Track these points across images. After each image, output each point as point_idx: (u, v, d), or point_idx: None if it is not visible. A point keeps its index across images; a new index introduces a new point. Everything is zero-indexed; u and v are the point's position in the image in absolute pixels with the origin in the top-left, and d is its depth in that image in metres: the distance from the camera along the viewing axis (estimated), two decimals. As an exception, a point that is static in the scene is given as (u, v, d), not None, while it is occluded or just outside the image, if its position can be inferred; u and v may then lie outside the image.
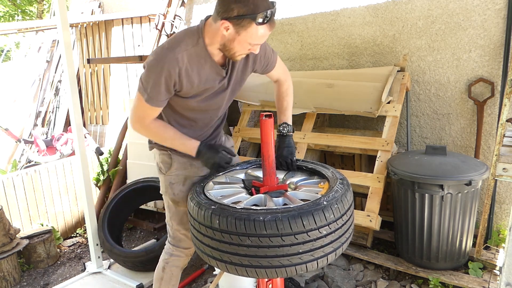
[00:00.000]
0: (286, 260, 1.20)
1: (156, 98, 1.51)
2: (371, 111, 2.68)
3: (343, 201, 1.29)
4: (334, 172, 1.54)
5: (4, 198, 3.17)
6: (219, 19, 1.40)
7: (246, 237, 1.19)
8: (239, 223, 1.19)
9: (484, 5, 2.63)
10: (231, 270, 1.27)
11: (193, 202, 1.39)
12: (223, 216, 1.23)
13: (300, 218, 1.18)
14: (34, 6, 13.59)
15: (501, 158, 1.79)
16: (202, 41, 1.50)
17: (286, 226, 1.17)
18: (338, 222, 1.27)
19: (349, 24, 3.20)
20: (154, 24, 4.20)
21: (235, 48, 1.45)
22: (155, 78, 1.47)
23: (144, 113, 1.57)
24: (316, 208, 1.21)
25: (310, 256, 1.22)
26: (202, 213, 1.30)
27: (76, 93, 2.62)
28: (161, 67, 1.45)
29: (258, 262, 1.21)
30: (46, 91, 5.21)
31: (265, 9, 1.34)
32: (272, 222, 1.17)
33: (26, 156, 4.73)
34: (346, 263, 2.62)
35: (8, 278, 2.87)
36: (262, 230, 1.17)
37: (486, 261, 2.35)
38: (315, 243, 1.22)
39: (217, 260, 1.30)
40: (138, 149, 3.58)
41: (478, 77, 2.73)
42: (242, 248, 1.21)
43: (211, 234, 1.28)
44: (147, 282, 2.70)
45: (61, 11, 2.49)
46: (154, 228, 3.36)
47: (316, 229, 1.20)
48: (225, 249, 1.25)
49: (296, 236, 1.18)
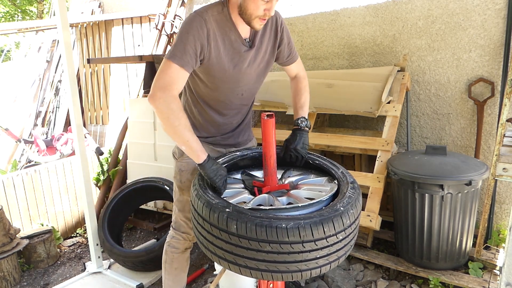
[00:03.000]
0: (304, 265, 1.21)
1: (183, 58, 1.46)
2: (371, 111, 2.68)
3: (357, 206, 1.31)
4: (345, 173, 1.52)
5: (4, 198, 3.17)
6: None
7: (266, 243, 1.17)
8: (260, 230, 1.17)
9: (484, 5, 2.63)
10: (245, 272, 1.26)
11: (202, 201, 1.33)
12: (241, 221, 1.19)
13: (322, 225, 1.18)
14: (34, 6, 13.59)
15: (501, 158, 1.79)
16: (226, 10, 1.54)
17: (308, 233, 1.16)
18: (352, 227, 1.28)
19: (349, 24, 3.21)
20: (154, 24, 4.20)
21: (249, 6, 1.46)
22: (183, 38, 1.47)
23: (169, 77, 1.45)
24: (335, 215, 1.22)
25: (326, 260, 1.24)
26: (215, 216, 1.25)
27: (76, 93, 2.62)
28: (189, 26, 1.48)
29: (276, 267, 1.21)
30: (46, 91, 5.21)
31: None
32: (295, 230, 1.16)
33: (26, 156, 4.73)
34: (346, 263, 2.62)
35: (8, 278, 2.87)
36: (285, 237, 1.16)
37: (486, 261, 2.35)
38: (332, 248, 1.23)
39: (230, 262, 1.27)
40: (138, 149, 3.59)
41: (478, 77, 2.73)
42: (261, 253, 1.20)
43: (226, 238, 1.24)
44: (147, 282, 2.70)
45: (61, 11, 2.49)
46: (154, 228, 3.36)
47: (334, 235, 1.22)
48: (241, 254, 1.22)
49: (316, 242, 1.19)
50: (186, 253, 1.97)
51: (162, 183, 3.01)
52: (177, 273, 1.96)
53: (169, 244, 1.94)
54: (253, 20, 1.50)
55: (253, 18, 1.50)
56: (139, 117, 3.56)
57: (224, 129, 1.80)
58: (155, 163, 3.47)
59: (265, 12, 1.48)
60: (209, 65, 1.56)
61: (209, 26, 1.50)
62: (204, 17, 1.50)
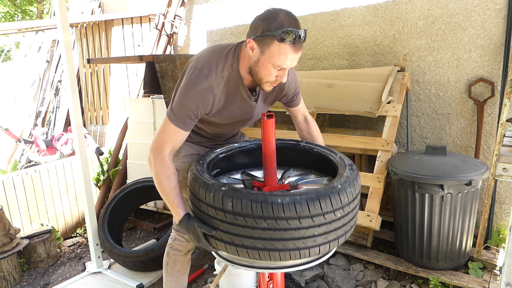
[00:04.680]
0: (301, 243, 1.19)
1: (185, 121, 1.47)
2: (371, 111, 2.68)
3: (355, 185, 1.30)
4: (342, 157, 1.52)
5: (4, 198, 3.17)
6: (247, 40, 1.40)
7: (262, 219, 1.17)
8: (256, 206, 1.16)
9: (484, 5, 2.63)
10: (242, 253, 1.24)
11: (198, 183, 1.33)
12: (237, 198, 1.19)
13: (318, 201, 1.17)
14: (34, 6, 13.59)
15: (501, 158, 1.79)
16: (236, 65, 1.49)
17: (304, 208, 1.16)
18: (350, 206, 1.27)
19: (349, 24, 3.21)
20: (154, 24, 4.20)
21: (260, 71, 1.41)
22: (185, 101, 1.45)
23: (166, 137, 1.48)
24: (332, 191, 1.21)
25: (324, 238, 1.22)
26: (211, 195, 1.24)
27: (76, 93, 2.62)
28: (194, 90, 1.44)
29: (273, 245, 1.19)
30: (46, 91, 5.21)
31: (290, 27, 1.30)
32: (291, 205, 1.15)
33: (26, 156, 4.73)
34: (346, 263, 2.62)
35: (8, 278, 2.87)
36: (281, 212, 1.15)
37: (486, 261, 2.35)
38: (330, 225, 1.22)
39: (226, 243, 1.27)
40: (138, 149, 3.59)
41: (478, 77, 2.73)
42: (257, 231, 1.19)
43: (221, 217, 1.24)
44: (147, 282, 2.70)
45: (61, 11, 2.49)
46: (154, 228, 3.35)
47: (332, 211, 1.21)
48: (237, 232, 1.22)
49: (313, 218, 1.18)
50: (188, 255, 1.96)
51: (162, 183, 3.00)
52: (179, 275, 1.95)
53: (171, 247, 1.92)
54: (264, 84, 1.47)
55: (264, 82, 1.46)
56: (139, 117, 3.56)
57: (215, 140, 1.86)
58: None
59: (277, 78, 1.44)
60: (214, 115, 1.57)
61: (216, 91, 1.46)
62: (212, 83, 1.45)
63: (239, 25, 3.81)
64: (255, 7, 3.65)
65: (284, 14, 1.32)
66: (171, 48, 4.32)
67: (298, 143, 1.69)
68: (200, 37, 4.19)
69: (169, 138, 1.48)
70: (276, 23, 1.30)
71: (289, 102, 1.77)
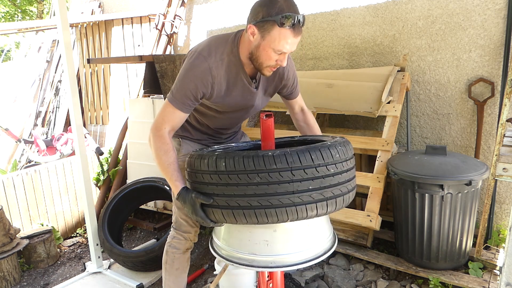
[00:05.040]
0: (297, 198, 1.19)
1: (183, 102, 1.50)
2: (371, 111, 2.68)
3: (345, 146, 1.32)
4: (334, 136, 1.56)
5: (4, 198, 3.17)
6: (247, 25, 1.43)
7: (255, 174, 1.18)
8: (248, 161, 1.18)
9: (484, 5, 2.63)
10: (239, 217, 1.24)
11: (193, 157, 1.34)
12: (229, 157, 1.22)
13: (309, 153, 1.20)
14: (34, 6, 13.59)
15: (501, 158, 1.79)
16: (236, 51, 1.52)
17: (295, 159, 1.18)
18: (344, 165, 1.28)
19: (349, 24, 3.21)
20: (154, 24, 4.20)
21: (261, 56, 1.45)
22: (185, 82, 1.48)
23: (165, 117, 1.52)
24: (322, 146, 1.24)
25: (320, 195, 1.22)
26: (205, 162, 1.27)
27: (76, 93, 2.62)
28: (193, 72, 1.47)
29: (268, 201, 1.19)
30: (46, 91, 5.21)
31: (290, 13, 1.34)
32: (281, 156, 1.17)
33: (26, 156, 4.73)
34: (346, 263, 2.62)
35: (8, 278, 2.87)
36: (272, 164, 1.17)
37: (486, 261, 2.35)
38: (324, 180, 1.22)
39: (222, 208, 1.27)
40: (138, 149, 3.59)
41: (478, 77, 2.73)
42: (251, 187, 1.19)
43: (216, 180, 1.25)
44: (147, 282, 2.70)
45: (61, 11, 2.49)
46: (154, 228, 3.35)
47: (324, 165, 1.22)
48: (232, 192, 1.23)
49: (305, 170, 1.19)
50: (187, 254, 1.97)
51: (162, 183, 3.01)
52: (178, 273, 1.96)
53: (170, 245, 1.94)
54: (264, 68, 1.51)
55: (264, 67, 1.50)
56: (139, 117, 3.56)
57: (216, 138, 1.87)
58: (155, 163, 3.46)
59: (277, 62, 1.47)
60: (208, 103, 1.59)
61: (215, 73, 1.49)
62: (210, 64, 1.47)
63: (239, 25, 3.82)
64: (255, 7, 3.65)
65: (281, 1, 1.36)
66: (171, 48, 4.32)
67: (293, 137, 1.72)
68: (200, 37, 4.20)
69: (168, 118, 1.52)
70: (276, 8, 1.34)
71: (288, 95, 1.80)
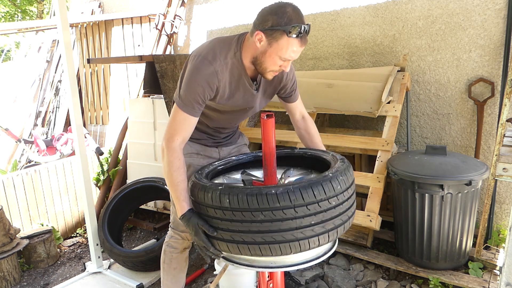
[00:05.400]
0: (300, 233, 1.22)
1: (193, 107, 1.51)
2: (371, 111, 2.68)
3: (346, 174, 1.33)
4: (334, 155, 1.57)
5: (4, 198, 3.17)
6: (254, 31, 1.46)
7: (259, 212, 1.20)
8: (251, 199, 1.20)
9: (484, 5, 2.63)
10: (244, 250, 1.27)
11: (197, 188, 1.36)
12: (233, 194, 1.23)
13: (311, 188, 1.21)
14: (34, 6, 13.59)
15: (501, 158, 1.79)
16: (239, 54, 1.54)
17: (298, 197, 1.19)
18: (345, 194, 1.29)
19: (349, 24, 3.21)
20: (154, 24, 4.20)
21: (266, 61, 1.48)
22: (192, 86, 1.48)
23: (177, 126, 1.52)
24: (324, 179, 1.25)
25: (322, 228, 1.24)
26: (209, 196, 1.28)
27: (76, 93, 2.62)
28: (200, 75, 1.48)
29: (272, 238, 1.22)
30: (46, 91, 5.21)
31: (298, 23, 1.40)
32: (284, 194, 1.19)
33: (26, 156, 4.73)
34: (346, 263, 2.62)
35: (8, 278, 2.87)
36: (275, 203, 1.18)
37: (486, 261, 2.35)
38: (326, 214, 1.24)
39: (227, 242, 1.29)
40: (138, 149, 3.59)
41: (478, 77, 2.73)
42: (255, 224, 1.21)
43: (220, 215, 1.27)
44: (147, 282, 2.70)
45: (61, 11, 2.49)
46: (154, 228, 3.36)
47: (326, 199, 1.23)
48: (236, 228, 1.25)
49: (308, 206, 1.20)
50: (185, 253, 1.97)
51: (162, 183, 3.01)
52: (176, 273, 1.96)
53: (168, 244, 1.94)
54: (267, 73, 1.53)
55: (268, 71, 1.53)
56: (139, 117, 3.56)
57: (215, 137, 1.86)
58: (155, 163, 3.47)
59: (280, 67, 1.51)
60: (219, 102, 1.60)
61: (220, 77, 1.51)
62: (216, 68, 1.49)
63: (239, 25, 3.82)
64: (255, 7, 3.65)
65: (291, 9, 1.42)
66: (171, 48, 4.32)
67: (292, 149, 1.73)
68: (200, 37, 4.19)
69: (180, 126, 1.52)
70: (285, 18, 1.39)
71: (287, 97, 1.81)
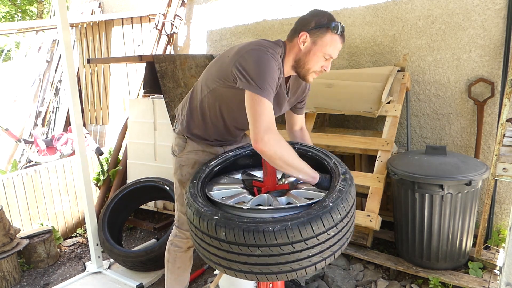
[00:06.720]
0: (297, 265, 1.20)
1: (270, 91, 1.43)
2: (371, 111, 2.68)
3: (347, 199, 1.28)
4: (337, 163, 1.48)
5: (4, 198, 3.17)
6: (297, 34, 1.56)
7: (256, 247, 1.17)
8: (248, 235, 1.15)
9: (484, 5, 2.63)
10: (241, 276, 1.26)
11: (192, 209, 1.32)
12: (229, 228, 1.18)
13: (310, 224, 1.16)
14: (34, 6, 13.59)
15: (501, 158, 1.79)
16: (283, 57, 1.60)
17: (296, 234, 1.14)
18: (344, 221, 1.26)
19: (349, 24, 3.20)
20: (154, 24, 4.20)
21: (310, 61, 1.55)
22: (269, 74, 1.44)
23: (268, 117, 1.41)
24: (323, 212, 1.19)
25: (320, 257, 1.22)
26: (204, 224, 1.24)
27: (76, 93, 2.62)
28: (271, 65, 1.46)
29: (269, 269, 1.20)
30: (46, 91, 5.21)
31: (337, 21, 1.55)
32: (282, 232, 1.14)
33: (26, 156, 4.72)
34: (346, 263, 2.62)
35: (8, 278, 2.87)
36: (272, 240, 1.14)
37: (486, 261, 2.35)
38: (324, 245, 1.21)
39: (225, 268, 1.27)
40: (138, 149, 3.59)
41: (478, 77, 2.73)
42: (252, 258, 1.19)
43: (217, 245, 1.24)
44: (147, 282, 2.70)
45: (61, 11, 2.49)
46: (154, 228, 3.35)
47: (325, 232, 1.20)
48: (234, 259, 1.22)
49: (306, 242, 1.17)
50: (189, 252, 1.97)
51: (162, 183, 3.01)
52: (180, 272, 1.96)
53: (172, 243, 1.94)
54: (310, 74, 1.60)
55: (310, 73, 1.59)
56: (139, 117, 3.56)
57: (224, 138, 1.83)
58: (155, 163, 3.47)
59: (322, 68, 1.60)
60: None
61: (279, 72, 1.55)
62: (278, 60, 1.53)
63: (239, 25, 3.81)
64: (255, 7, 3.65)
65: (328, 13, 1.60)
66: (171, 48, 4.32)
67: (293, 145, 1.68)
68: (200, 37, 4.19)
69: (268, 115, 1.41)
70: (326, 18, 1.56)
71: (299, 109, 1.90)
